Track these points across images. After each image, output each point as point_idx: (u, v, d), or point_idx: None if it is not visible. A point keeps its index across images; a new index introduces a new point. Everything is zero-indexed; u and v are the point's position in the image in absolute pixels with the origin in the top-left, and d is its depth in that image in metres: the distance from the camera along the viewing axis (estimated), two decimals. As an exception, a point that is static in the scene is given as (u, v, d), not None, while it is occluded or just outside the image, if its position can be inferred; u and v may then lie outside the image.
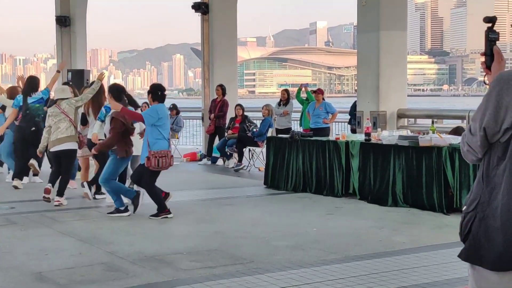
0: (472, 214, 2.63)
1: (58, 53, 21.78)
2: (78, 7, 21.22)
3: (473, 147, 2.66)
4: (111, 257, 6.93)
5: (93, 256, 6.98)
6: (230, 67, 18.59)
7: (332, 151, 10.94)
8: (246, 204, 10.49)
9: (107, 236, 7.96)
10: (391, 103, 13.48)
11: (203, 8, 18.24)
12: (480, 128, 2.60)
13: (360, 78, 14.16)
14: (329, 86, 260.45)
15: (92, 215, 9.45)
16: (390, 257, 6.75)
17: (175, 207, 10.04)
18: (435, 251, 6.99)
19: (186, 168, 15.77)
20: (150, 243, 7.52)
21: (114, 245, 7.46)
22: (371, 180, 10.27)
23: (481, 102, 2.62)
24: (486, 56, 2.77)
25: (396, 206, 9.78)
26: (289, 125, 15.99)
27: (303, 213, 9.53)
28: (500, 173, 2.56)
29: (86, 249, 7.29)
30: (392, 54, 13.46)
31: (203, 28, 18.51)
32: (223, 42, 18.35)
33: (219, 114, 16.37)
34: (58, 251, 7.18)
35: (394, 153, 9.91)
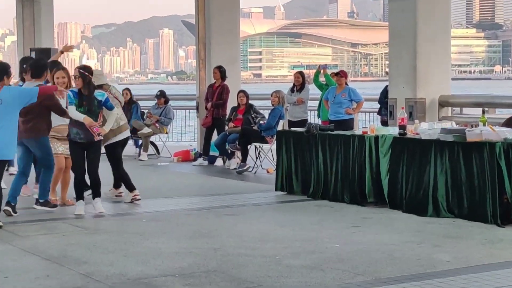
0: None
1: (18, 29, 21.82)
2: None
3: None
4: (86, 280, 6.93)
5: (64, 279, 6.98)
6: (231, 45, 18.61)
7: (358, 148, 10.94)
8: (252, 214, 10.50)
9: (80, 254, 7.97)
10: (431, 88, 13.46)
11: (198, -29, 18.27)
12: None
13: (392, 58, 14.15)
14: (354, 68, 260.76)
15: (61, 228, 9.48)
16: (430, 280, 6.74)
17: (165, 218, 10.08)
18: (487, 272, 6.98)
19: (177, 170, 15.81)
20: (134, 263, 7.53)
21: (89, 265, 7.47)
22: (407, 184, 10.26)
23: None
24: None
25: (438, 216, 9.77)
26: (305, 116, 16.01)
27: (322, 225, 9.54)
28: None
29: (54, 270, 7.30)
30: (433, 28, 13.44)
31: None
32: (222, 14, 18.37)
33: (218, 102, 16.39)
34: (21, 273, 7.18)
35: (435, 151, 9.89)
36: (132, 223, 9.77)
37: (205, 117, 16.81)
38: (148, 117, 18.28)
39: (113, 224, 9.77)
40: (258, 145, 15.27)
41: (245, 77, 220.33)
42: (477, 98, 15.72)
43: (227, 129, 16.00)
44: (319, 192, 11.52)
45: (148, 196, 11.94)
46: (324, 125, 12.80)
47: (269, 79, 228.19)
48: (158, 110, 18.34)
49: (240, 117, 15.84)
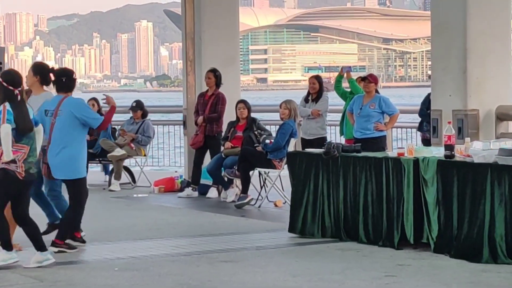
0: None
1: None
2: None
3: None
4: None
5: None
6: (228, 41, 18.66)
7: (393, 174, 10.96)
8: (256, 261, 10.50)
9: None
10: (487, 97, 13.47)
11: None
12: None
13: (436, 57, 14.16)
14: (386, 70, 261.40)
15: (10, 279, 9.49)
16: None
17: (142, 266, 10.08)
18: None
19: (159, 203, 15.85)
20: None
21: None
22: (456, 222, 10.28)
23: None
24: None
25: (496, 262, 9.78)
26: (323, 133, 16.04)
27: (347, 274, 9.54)
28: None
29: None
30: (488, 19, 13.48)
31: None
32: (216, 2, 18.43)
33: (211, 116, 16.43)
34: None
35: (491, 178, 9.91)
36: (100, 273, 9.76)
37: (194, 135, 16.84)
38: (121, 135, 18.28)
39: (77, 275, 9.78)
40: (263, 170, 15.27)
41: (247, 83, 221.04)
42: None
43: (223, 150, 16.02)
44: (343, 232, 11.53)
45: (120, 238, 11.96)
46: (348, 145, 12.80)
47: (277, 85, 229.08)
48: (134, 126, 18.35)
49: (240, 135, 15.87)
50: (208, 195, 16.32)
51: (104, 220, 13.75)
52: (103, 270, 10.00)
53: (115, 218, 13.99)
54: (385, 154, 11.89)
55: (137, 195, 16.94)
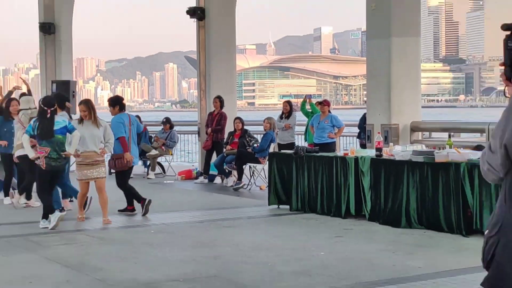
0: (495, 238, 2.65)
1: (41, 63, 21.78)
2: (64, 13, 21.27)
3: (493, 166, 2.68)
4: (102, 284, 6.93)
5: (82, 284, 6.98)
6: (228, 77, 18.63)
7: (340, 168, 10.96)
8: (247, 226, 10.50)
9: (96, 262, 7.96)
10: (404, 115, 13.51)
11: (199, 13, 18.31)
12: (500, 145, 2.62)
13: (370, 88, 14.20)
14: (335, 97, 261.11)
15: (79, 239, 9.46)
16: (405, 283, 6.76)
17: (170, 230, 10.06)
18: (454, 277, 7.00)
19: (181, 187, 15.79)
20: (144, 270, 7.52)
21: (104, 271, 7.46)
22: (383, 200, 10.28)
23: (501, 117, 2.64)
24: (506, 67, 2.79)
25: (411, 227, 9.79)
26: (292, 139, 16.02)
27: (309, 236, 9.53)
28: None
29: (73, 277, 7.29)
30: (405, 62, 13.52)
31: (199, 35, 18.57)
32: (220, 50, 18.40)
33: (217, 128, 16.41)
34: (44, 279, 7.18)
35: (407, 170, 9.92)
36: (142, 235, 9.76)
37: (205, 141, 16.80)
38: (155, 140, 18.26)
39: (125, 235, 9.75)
40: (252, 165, 15.26)
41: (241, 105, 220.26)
42: (444, 124, 15.79)
43: (225, 151, 15.99)
44: (306, 206, 11.52)
45: (155, 210, 11.90)
46: (310, 148, 12.80)
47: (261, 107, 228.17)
48: (164, 135, 18.33)
49: (236, 141, 15.84)
50: (215, 182, 16.27)
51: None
52: (143, 232, 10.00)
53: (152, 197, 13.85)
54: (335, 154, 11.88)
55: (166, 181, 16.87)
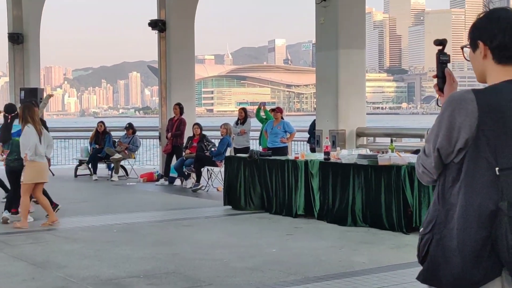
0: (429, 235, 2.68)
1: (10, 71, 21.48)
2: (32, 24, 20.99)
3: (428, 168, 2.71)
4: (65, 281, 6.83)
5: (47, 281, 6.87)
6: (187, 86, 18.58)
7: (291, 170, 10.98)
8: (205, 225, 10.46)
9: (61, 259, 7.85)
10: (350, 121, 13.60)
11: (160, 25, 18.24)
12: (434, 149, 2.65)
13: (319, 97, 14.27)
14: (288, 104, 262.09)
15: (45, 238, 9.31)
16: (349, 278, 6.79)
17: (132, 229, 9.97)
18: (395, 271, 7.06)
19: (143, 189, 15.66)
20: (106, 267, 7.44)
21: (69, 268, 7.36)
22: (331, 200, 10.33)
23: (434, 123, 2.67)
24: (438, 79, 2.84)
25: (356, 225, 9.85)
26: (247, 144, 15.99)
27: (262, 234, 9.53)
28: (455, 193, 2.61)
29: (39, 274, 7.18)
30: (351, 73, 13.61)
31: (160, 46, 18.49)
32: (180, 60, 18.34)
33: (176, 133, 16.33)
34: (10, 276, 7.05)
35: (353, 172, 9.99)
36: (105, 234, 9.64)
37: (166, 145, 16.72)
38: (118, 145, 18.08)
39: (89, 235, 9.62)
40: (210, 168, 15.21)
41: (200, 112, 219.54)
42: (387, 130, 15.95)
43: (184, 155, 15.90)
44: (260, 207, 11.52)
45: (118, 211, 11.82)
46: (264, 152, 12.82)
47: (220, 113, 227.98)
48: (127, 139, 18.15)
49: (195, 145, 15.76)
50: (175, 184, 16.19)
51: (107, 199, 13.58)
52: (106, 231, 9.88)
53: (115, 198, 13.81)
54: (287, 157, 11.91)
55: (129, 183, 16.72)
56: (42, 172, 10.23)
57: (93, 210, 11.85)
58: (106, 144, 17.80)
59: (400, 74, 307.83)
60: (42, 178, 10.23)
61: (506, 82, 2.63)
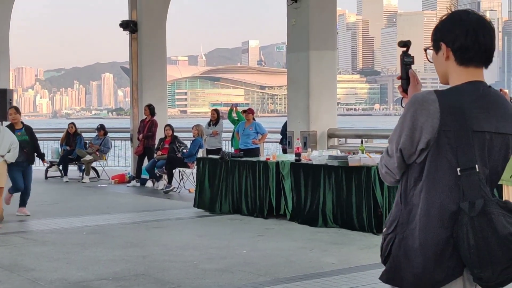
0: (392, 235, 2.69)
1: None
2: (1, 25, 20.76)
3: (390, 169, 2.72)
4: (33, 284, 6.76)
5: (14, 284, 6.79)
6: (159, 87, 18.50)
7: (263, 171, 10.98)
8: (175, 227, 10.41)
9: (29, 262, 7.76)
10: (321, 123, 13.64)
11: (132, 26, 18.14)
12: (396, 149, 2.67)
13: (290, 98, 14.30)
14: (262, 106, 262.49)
15: (13, 241, 9.21)
16: (319, 279, 6.80)
17: (102, 231, 9.90)
18: (364, 272, 7.08)
19: (114, 190, 15.56)
20: (75, 269, 7.37)
21: (36, 271, 7.28)
22: (302, 201, 10.34)
23: (397, 124, 2.69)
24: (402, 80, 2.86)
25: (326, 226, 9.87)
26: (220, 145, 15.99)
27: (233, 235, 9.51)
28: (417, 194, 2.63)
29: (6, 277, 7.09)
30: (322, 74, 13.66)
31: (132, 47, 18.40)
32: (152, 61, 18.27)
33: (148, 134, 16.26)
34: (-24, 280, 6.95)
35: (324, 173, 10.01)
36: (75, 236, 9.56)
37: (137, 146, 16.63)
38: (90, 146, 17.94)
39: (58, 237, 9.52)
40: (182, 169, 15.16)
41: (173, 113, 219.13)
42: (357, 131, 16.00)
43: (156, 156, 15.83)
44: (231, 208, 11.50)
45: (88, 213, 11.73)
46: (236, 153, 12.79)
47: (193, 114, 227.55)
48: (98, 141, 18.03)
49: (167, 147, 15.70)
50: (146, 185, 16.11)
51: (77, 201, 13.48)
52: (76, 233, 9.79)
53: (85, 200, 13.71)
54: (258, 158, 11.90)
55: (100, 185, 16.61)
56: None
57: (63, 212, 11.75)
58: (77, 146, 17.68)
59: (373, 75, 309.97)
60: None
61: (468, 83, 2.65)
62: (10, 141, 10.46)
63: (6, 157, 10.41)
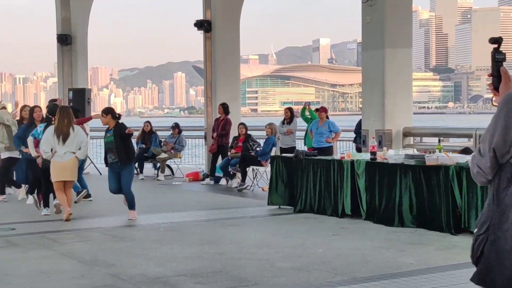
0: (484, 236, 2.64)
1: (59, 72, 21.83)
2: (80, 26, 21.31)
3: (482, 169, 2.67)
4: (114, 279, 6.91)
5: (95, 279, 6.96)
6: (233, 85, 18.63)
7: (337, 170, 10.93)
8: (250, 225, 10.47)
9: (108, 257, 7.94)
10: (396, 121, 13.48)
11: (206, 26, 18.33)
12: (489, 149, 2.61)
13: (365, 96, 14.17)
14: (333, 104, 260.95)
15: (93, 237, 9.45)
16: (397, 279, 6.73)
17: (178, 228, 10.04)
18: (443, 273, 6.96)
19: (189, 188, 15.77)
20: (153, 265, 7.51)
21: (117, 267, 7.45)
22: (377, 200, 10.25)
23: (490, 123, 2.63)
24: (493, 77, 2.80)
25: (403, 226, 9.76)
26: (293, 144, 15.98)
27: (308, 233, 9.50)
28: (510, 194, 2.57)
29: (87, 271, 7.28)
30: (397, 72, 13.49)
31: (206, 46, 18.59)
32: (226, 60, 18.41)
33: (222, 133, 16.40)
34: (60, 274, 7.16)
35: (400, 173, 9.90)
36: (152, 232, 9.74)
37: (211, 145, 16.82)
38: (164, 144, 18.24)
39: (136, 233, 9.73)
40: (255, 167, 15.25)
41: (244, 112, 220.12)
42: (434, 130, 15.74)
43: (230, 154, 15.97)
44: (305, 206, 11.50)
45: (164, 210, 11.92)
46: (310, 152, 12.78)
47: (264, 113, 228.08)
48: (173, 139, 18.30)
49: (240, 145, 15.82)
50: (220, 183, 16.27)
51: (153, 198, 13.71)
52: (153, 230, 9.97)
53: (161, 197, 13.93)
54: (333, 157, 11.86)
55: (175, 183, 16.86)
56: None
57: (140, 209, 11.91)
58: (152, 144, 17.98)
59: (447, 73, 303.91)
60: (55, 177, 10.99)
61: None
62: (80, 140, 11.05)
63: (77, 154, 11.04)
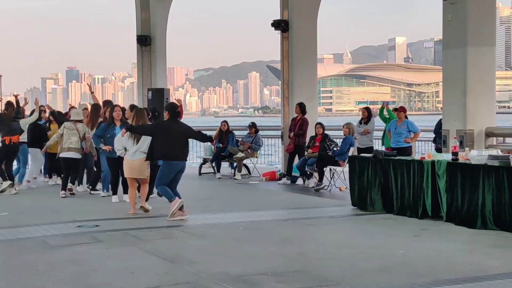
0: None
1: (138, 72, 22.32)
2: (159, 27, 21.73)
3: None
4: (196, 276, 7.03)
5: (178, 276, 7.10)
6: (309, 85, 18.61)
7: (417, 171, 10.80)
8: (329, 225, 10.46)
9: (190, 255, 8.08)
10: (478, 121, 13.19)
11: (283, 25, 18.39)
12: None
13: (445, 96, 13.92)
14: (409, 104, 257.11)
15: (174, 234, 9.62)
16: (482, 282, 6.61)
17: (257, 227, 10.12)
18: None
19: (265, 187, 15.85)
20: (234, 263, 7.59)
21: (198, 264, 7.57)
22: (459, 201, 10.08)
23: None
24: None
25: (486, 228, 9.56)
26: (371, 144, 15.88)
27: (388, 234, 9.43)
28: None
29: (170, 268, 7.43)
30: (480, 71, 13.19)
31: (283, 46, 18.63)
32: (302, 60, 18.41)
33: (299, 132, 16.42)
34: (144, 270, 7.33)
35: (483, 174, 9.70)
36: (231, 231, 9.84)
37: (288, 144, 16.86)
38: (241, 144, 18.39)
39: (216, 231, 9.85)
40: (333, 167, 15.20)
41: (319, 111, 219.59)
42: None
43: (307, 154, 15.97)
44: (384, 206, 11.41)
45: (242, 209, 12.02)
46: (388, 152, 12.65)
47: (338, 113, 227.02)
48: (250, 139, 18.43)
49: (317, 145, 15.80)
50: (297, 183, 16.29)
51: (230, 197, 13.85)
52: (232, 228, 10.07)
53: (238, 196, 14.06)
54: (413, 157, 11.72)
55: (251, 182, 16.97)
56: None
57: (218, 208, 12.10)
58: (229, 143, 18.16)
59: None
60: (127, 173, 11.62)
61: None
62: (149, 140, 11.27)
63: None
